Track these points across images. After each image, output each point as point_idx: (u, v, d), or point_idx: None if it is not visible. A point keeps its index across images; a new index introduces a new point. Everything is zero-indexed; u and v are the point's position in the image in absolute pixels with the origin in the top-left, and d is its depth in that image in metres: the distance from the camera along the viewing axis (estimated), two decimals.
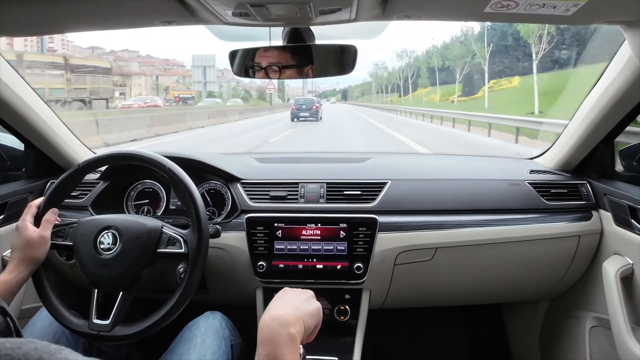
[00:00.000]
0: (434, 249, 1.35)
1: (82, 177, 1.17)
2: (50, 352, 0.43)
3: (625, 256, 1.27)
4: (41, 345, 0.44)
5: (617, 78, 1.17)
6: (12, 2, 0.82)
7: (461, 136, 13.30)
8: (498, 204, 1.40)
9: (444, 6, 0.93)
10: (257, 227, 1.34)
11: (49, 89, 19.08)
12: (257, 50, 1.06)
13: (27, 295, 1.34)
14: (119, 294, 1.04)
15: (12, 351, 0.42)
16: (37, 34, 1.06)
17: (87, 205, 1.41)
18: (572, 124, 1.42)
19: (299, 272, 1.33)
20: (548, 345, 1.70)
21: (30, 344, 0.44)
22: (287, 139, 13.36)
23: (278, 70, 1.05)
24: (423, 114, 22.50)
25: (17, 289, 0.96)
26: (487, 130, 13.05)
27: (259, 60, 1.07)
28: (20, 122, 1.35)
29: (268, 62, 1.06)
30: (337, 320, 1.38)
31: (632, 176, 1.40)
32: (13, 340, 0.44)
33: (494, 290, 1.53)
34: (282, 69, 1.05)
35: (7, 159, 1.50)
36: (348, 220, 1.34)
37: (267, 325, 0.66)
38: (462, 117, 16.37)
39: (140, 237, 1.04)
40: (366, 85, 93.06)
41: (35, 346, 0.43)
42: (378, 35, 1.21)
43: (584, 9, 0.85)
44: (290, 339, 0.65)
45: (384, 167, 1.58)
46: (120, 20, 0.99)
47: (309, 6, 0.84)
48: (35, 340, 0.45)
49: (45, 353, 0.43)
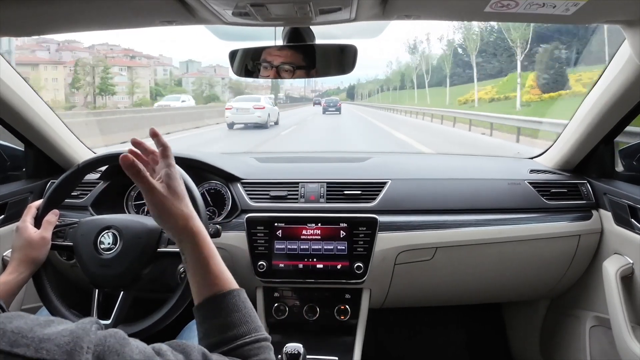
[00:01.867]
0: (434, 249, 1.35)
1: (82, 177, 1.17)
2: (40, 324, 0.45)
3: (625, 255, 1.27)
4: (31, 318, 0.45)
5: (617, 77, 1.17)
6: (12, 2, 0.82)
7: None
8: (498, 204, 1.40)
9: (444, 6, 0.93)
10: (258, 226, 1.35)
11: None
12: (257, 50, 1.06)
13: (28, 295, 1.34)
14: (119, 293, 1.04)
15: (4, 325, 0.43)
16: (37, 33, 1.06)
17: (88, 205, 1.41)
18: (572, 124, 1.42)
19: (299, 271, 1.33)
20: (548, 345, 1.70)
21: (21, 319, 0.45)
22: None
23: (276, 70, 1.05)
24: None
25: (18, 289, 0.96)
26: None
27: (258, 61, 1.07)
28: (20, 122, 1.35)
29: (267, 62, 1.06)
30: (337, 320, 1.38)
31: (632, 175, 1.40)
32: (4, 314, 0.46)
33: (494, 290, 1.53)
34: (281, 69, 1.05)
35: (7, 159, 1.50)
36: (348, 220, 1.34)
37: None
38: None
39: (141, 236, 1.04)
40: (380, 82, 78.94)
41: (25, 320, 0.46)
42: (378, 34, 1.21)
43: (584, 9, 0.85)
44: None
45: (384, 166, 1.58)
46: (120, 20, 0.99)
47: (309, 6, 0.84)
48: (24, 314, 0.46)
49: (36, 325, 0.44)
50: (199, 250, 0.73)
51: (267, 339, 0.69)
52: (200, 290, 0.71)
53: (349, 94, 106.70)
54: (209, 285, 0.71)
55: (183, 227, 0.74)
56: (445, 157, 2.09)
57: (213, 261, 0.73)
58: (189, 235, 0.74)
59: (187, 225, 0.74)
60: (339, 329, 1.38)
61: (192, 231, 0.74)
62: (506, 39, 28.06)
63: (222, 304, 0.69)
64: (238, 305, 0.69)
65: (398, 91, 59.49)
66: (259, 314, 1.38)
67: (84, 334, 0.45)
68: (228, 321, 0.67)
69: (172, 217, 0.74)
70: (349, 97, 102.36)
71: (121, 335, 0.49)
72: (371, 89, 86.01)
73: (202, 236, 0.74)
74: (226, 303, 0.69)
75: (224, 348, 0.65)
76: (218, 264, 0.73)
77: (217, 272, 0.72)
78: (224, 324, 0.67)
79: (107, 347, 0.46)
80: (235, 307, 0.69)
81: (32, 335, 0.43)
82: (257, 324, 0.69)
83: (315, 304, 1.38)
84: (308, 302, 1.39)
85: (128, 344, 0.49)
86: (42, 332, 0.44)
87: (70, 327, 0.46)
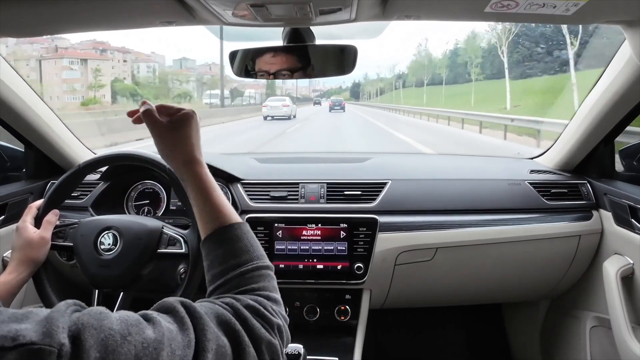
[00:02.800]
0: (435, 249, 1.35)
1: (83, 177, 1.17)
2: (17, 318, 0.45)
3: (625, 256, 1.27)
4: (8, 313, 0.46)
5: (617, 78, 1.17)
6: (12, 2, 0.82)
7: None
8: (498, 204, 1.40)
9: (444, 6, 0.93)
10: (258, 227, 1.35)
11: None
12: (257, 50, 1.06)
13: (28, 296, 1.34)
14: (119, 294, 1.04)
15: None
16: (37, 34, 1.06)
17: (88, 206, 1.41)
18: (572, 124, 1.42)
19: (300, 272, 1.33)
20: (548, 345, 1.70)
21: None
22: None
23: (276, 70, 1.05)
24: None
25: (18, 289, 0.96)
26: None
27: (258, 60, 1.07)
28: (20, 123, 1.35)
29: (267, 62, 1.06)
30: (337, 321, 1.38)
31: (632, 176, 1.40)
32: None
33: (494, 290, 1.53)
34: (281, 69, 1.05)
35: (7, 159, 1.50)
36: (348, 221, 1.34)
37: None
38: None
39: (141, 237, 1.04)
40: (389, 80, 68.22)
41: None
42: (378, 35, 1.21)
43: (584, 9, 0.85)
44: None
45: (384, 167, 1.58)
46: (120, 20, 0.99)
47: (309, 6, 0.84)
48: (3, 309, 0.46)
49: (12, 321, 0.44)
50: (202, 186, 0.77)
51: (269, 267, 0.71)
52: (205, 225, 0.75)
53: (353, 93, 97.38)
54: (213, 219, 0.74)
55: (185, 162, 0.79)
56: (445, 158, 2.09)
57: (215, 194, 0.77)
58: (190, 170, 0.78)
59: (189, 161, 0.78)
60: (339, 330, 1.38)
61: (193, 167, 0.78)
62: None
63: (225, 235, 0.72)
64: (240, 236, 0.72)
65: (416, 88, 48.97)
66: None
67: (59, 315, 0.45)
68: (230, 250, 0.70)
69: (174, 152, 0.80)
70: (353, 96, 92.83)
71: (98, 310, 0.49)
72: (382, 86, 75.38)
73: (204, 172, 0.79)
74: (229, 234, 0.72)
75: (226, 277, 0.68)
76: (219, 196, 0.77)
77: (219, 205, 0.76)
78: (227, 253, 0.70)
79: (82, 324, 0.45)
80: (237, 238, 0.72)
81: (7, 329, 0.42)
82: (259, 253, 0.72)
83: (315, 305, 1.38)
84: (308, 302, 1.39)
85: (107, 317, 0.48)
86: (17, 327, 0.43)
87: (46, 311, 0.46)
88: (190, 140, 0.81)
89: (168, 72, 58.44)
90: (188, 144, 0.80)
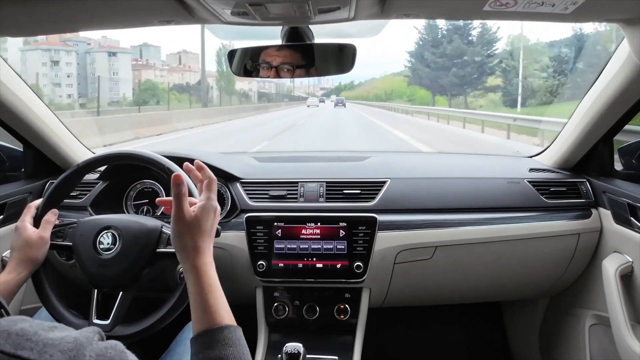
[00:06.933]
0: (434, 248, 1.35)
1: (82, 177, 1.17)
2: (44, 328, 0.45)
3: (624, 254, 1.27)
4: (35, 322, 0.46)
5: (616, 76, 1.17)
6: (12, 2, 0.81)
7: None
8: (497, 202, 1.40)
9: (443, 4, 0.93)
10: (257, 226, 1.34)
11: None
12: (256, 49, 1.06)
13: (27, 295, 1.34)
14: (118, 293, 1.04)
15: (8, 327, 0.43)
16: (37, 34, 1.06)
17: (87, 206, 1.41)
18: (571, 122, 1.42)
19: (299, 271, 1.33)
20: (548, 343, 1.70)
21: (25, 322, 0.46)
22: None
23: (275, 69, 1.05)
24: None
25: (17, 289, 0.96)
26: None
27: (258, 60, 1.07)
28: (19, 122, 1.35)
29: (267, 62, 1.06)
30: (337, 319, 1.38)
31: (631, 174, 1.40)
32: (9, 317, 0.46)
33: (493, 289, 1.53)
34: (280, 68, 1.05)
35: (6, 159, 1.50)
36: (348, 219, 1.34)
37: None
38: None
39: (140, 236, 1.04)
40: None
41: (29, 323, 0.47)
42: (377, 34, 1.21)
43: (583, 7, 0.85)
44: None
45: (383, 165, 1.58)
46: (118, 19, 0.99)
47: (308, 5, 0.84)
48: (28, 318, 0.47)
49: (40, 329, 0.45)
50: (200, 286, 0.76)
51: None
52: (198, 321, 0.74)
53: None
54: (207, 318, 0.74)
55: (191, 259, 0.78)
56: (444, 156, 2.09)
57: (213, 295, 0.76)
58: (193, 270, 0.78)
59: (194, 260, 0.78)
60: (338, 329, 1.38)
61: (197, 267, 0.78)
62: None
63: (218, 337, 0.71)
64: (234, 341, 0.71)
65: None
66: (258, 314, 1.39)
67: (87, 343, 0.46)
68: (222, 355, 0.69)
69: (186, 245, 0.79)
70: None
71: (121, 348, 0.51)
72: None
73: (207, 274, 0.78)
74: (222, 337, 0.71)
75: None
76: (218, 297, 0.77)
77: (216, 306, 0.75)
78: (218, 357, 0.69)
79: (108, 358, 0.47)
80: (230, 343, 0.71)
81: (36, 339, 0.44)
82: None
83: (315, 304, 1.38)
84: (308, 301, 1.39)
85: (127, 357, 0.50)
86: (46, 336, 0.44)
87: (74, 334, 0.47)
88: (205, 235, 0.80)
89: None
90: (201, 241, 0.79)
